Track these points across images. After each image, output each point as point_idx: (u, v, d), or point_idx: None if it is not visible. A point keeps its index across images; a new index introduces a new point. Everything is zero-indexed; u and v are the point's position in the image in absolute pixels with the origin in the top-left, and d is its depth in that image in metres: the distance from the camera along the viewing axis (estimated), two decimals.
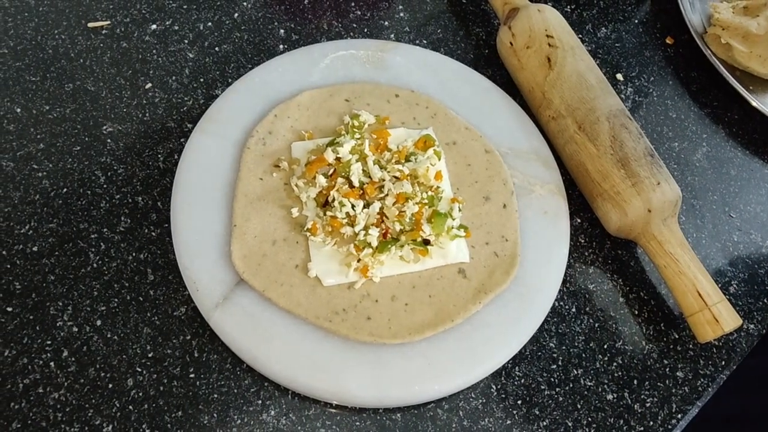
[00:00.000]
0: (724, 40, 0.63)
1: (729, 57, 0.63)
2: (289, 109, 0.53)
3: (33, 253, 0.48)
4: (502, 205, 0.51)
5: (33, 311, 0.46)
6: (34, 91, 0.55)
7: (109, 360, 0.45)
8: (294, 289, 0.46)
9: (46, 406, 0.44)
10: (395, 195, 0.48)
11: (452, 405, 0.46)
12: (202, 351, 0.46)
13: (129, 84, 0.56)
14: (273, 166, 0.50)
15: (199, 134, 0.51)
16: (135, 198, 0.51)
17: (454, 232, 0.48)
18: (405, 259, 0.47)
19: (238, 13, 0.61)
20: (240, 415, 0.45)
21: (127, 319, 0.47)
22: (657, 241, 0.50)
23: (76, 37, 0.58)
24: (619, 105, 0.54)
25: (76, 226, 0.50)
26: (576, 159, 0.53)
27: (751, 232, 0.57)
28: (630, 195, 0.50)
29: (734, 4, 0.66)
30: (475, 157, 0.53)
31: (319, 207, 0.48)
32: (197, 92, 0.57)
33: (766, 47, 0.62)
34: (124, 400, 0.44)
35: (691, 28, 0.63)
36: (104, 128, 0.54)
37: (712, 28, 0.64)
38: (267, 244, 0.47)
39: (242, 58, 0.59)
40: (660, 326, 0.51)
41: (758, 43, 0.62)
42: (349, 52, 0.57)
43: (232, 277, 0.46)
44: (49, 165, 0.52)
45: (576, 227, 0.54)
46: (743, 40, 0.62)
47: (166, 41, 0.59)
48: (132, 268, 0.49)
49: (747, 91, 0.60)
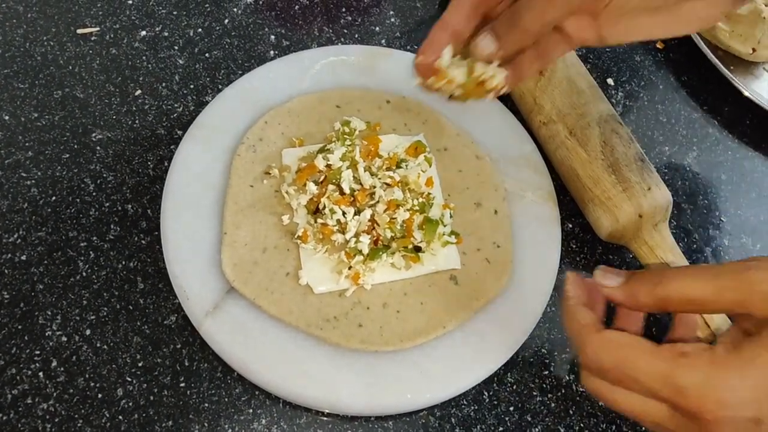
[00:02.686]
0: None
1: (712, 36, 0.64)
2: (280, 116, 0.53)
3: (21, 262, 0.48)
4: (494, 211, 0.51)
5: (21, 321, 0.46)
6: (23, 98, 0.54)
7: (99, 370, 0.45)
8: (285, 297, 0.46)
9: (35, 417, 0.43)
10: (386, 202, 0.48)
11: (444, 412, 0.46)
12: (192, 360, 0.46)
13: (118, 91, 0.56)
14: (264, 173, 0.50)
15: (189, 141, 0.51)
16: (125, 206, 0.51)
17: (445, 238, 0.48)
18: (396, 266, 0.47)
19: (229, 19, 0.61)
20: (231, 425, 0.44)
21: (117, 328, 0.46)
22: (648, 246, 0.50)
23: (65, 44, 0.58)
24: (609, 110, 0.54)
25: (65, 235, 0.49)
26: (567, 164, 0.53)
27: (742, 237, 0.57)
28: (621, 200, 0.50)
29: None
30: (466, 163, 0.53)
31: (310, 214, 0.48)
32: (187, 99, 0.56)
33: (747, 26, 0.63)
34: (114, 410, 0.44)
35: None
36: (93, 135, 0.54)
37: None
38: (257, 251, 0.47)
39: (233, 64, 0.59)
40: (652, 331, 0.51)
41: (740, 22, 0.63)
42: (339, 58, 0.57)
43: (223, 286, 0.46)
44: (37, 173, 0.51)
45: (567, 232, 0.54)
46: (726, 19, 0.63)
47: (155, 47, 0.59)
48: (121, 277, 0.48)
49: (728, 71, 0.60)
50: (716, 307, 0.34)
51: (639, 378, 0.33)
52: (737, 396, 0.30)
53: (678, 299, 0.34)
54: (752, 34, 0.62)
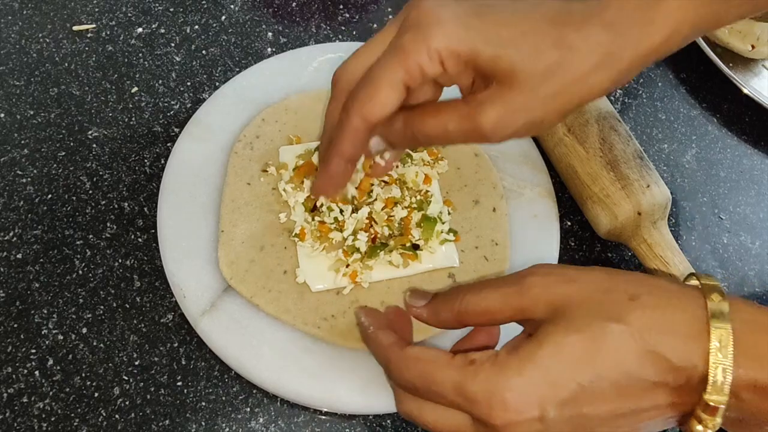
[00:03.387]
0: None
1: (710, 33, 0.63)
2: (277, 113, 0.53)
3: (17, 260, 0.48)
4: (492, 209, 0.51)
5: (17, 319, 0.46)
6: (18, 96, 0.54)
7: (95, 368, 0.45)
8: (282, 296, 0.45)
9: (31, 416, 0.43)
10: (384, 199, 0.48)
11: None
12: (189, 358, 0.46)
13: (115, 88, 0.56)
14: (261, 170, 0.50)
15: (185, 139, 0.51)
16: (121, 204, 0.51)
17: (443, 236, 0.48)
18: (394, 264, 0.47)
19: (226, 15, 0.61)
20: (228, 423, 0.44)
21: (114, 326, 0.46)
22: (647, 244, 0.50)
23: (61, 41, 0.57)
24: (608, 107, 0.54)
25: (61, 233, 0.49)
26: (565, 161, 0.53)
27: (741, 234, 0.57)
28: (619, 198, 0.50)
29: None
30: (464, 160, 0.53)
31: (307, 212, 0.48)
32: (184, 96, 0.56)
33: (746, 23, 0.62)
34: (111, 409, 0.44)
35: None
36: (89, 133, 0.53)
37: None
38: (255, 249, 0.47)
39: (230, 61, 0.58)
40: None
41: None
42: (337, 55, 0.57)
43: (220, 284, 0.46)
44: (33, 171, 0.51)
45: (566, 230, 0.54)
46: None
47: (152, 45, 0.58)
48: (118, 275, 0.48)
49: (727, 68, 0.60)
50: (504, 315, 0.35)
51: (438, 390, 0.33)
52: (519, 396, 0.31)
53: (473, 312, 0.36)
54: (751, 31, 0.62)
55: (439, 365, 0.33)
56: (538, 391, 0.31)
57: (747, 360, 0.31)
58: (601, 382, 0.31)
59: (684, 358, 0.31)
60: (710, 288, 0.33)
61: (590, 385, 0.31)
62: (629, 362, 0.31)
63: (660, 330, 0.31)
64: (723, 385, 0.30)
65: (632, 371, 0.31)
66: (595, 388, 0.31)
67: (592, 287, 0.34)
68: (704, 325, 0.31)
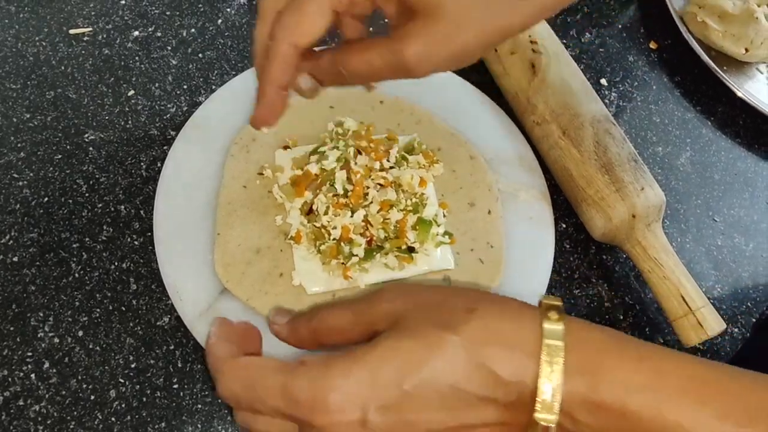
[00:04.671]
0: (700, 18, 0.63)
1: (704, 36, 0.64)
2: None
3: (13, 263, 0.48)
4: (487, 211, 0.51)
5: (13, 322, 0.46)
6: (15, 99, 0.54)
7: (91, 371, 0.45)
8: (278, 298, 0.45)
9: (27, 419, 0.43)
10: (379, 202, 0.48)
11: None
12: (185, 361, 0.46)
13: (111, 91, 0.56)
14: (257, 173, 0.50)
15: (182, 142, 0.51)
16: (117, 207, 0.51)
17: (438, 239, 0.48)
18: (389, 266, 0.47)
19: (222, 19, 0.61)
20: (224, 426, 0.44)
21: (110, 329, 0.46)
22: (641, 246, 0.50)
23: (58, 44, 0.57)
24: (603, 110, 0.54)
25: (58, 236, 0.49)
26: (560, 164, 0.53)
27: (735, 236, 0.57)
28: (614, 200, 0.50)
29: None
30: (459, 163, 0.53)
31: (303, 215, 0.48)
32: (180, 99, 0.56)
33: (740, 27, 0.63)
34: (107, 412, 0.44)
35: (669, 5, 0.64)
36: (86, 136, 0.53)
37: (690, 6, 0.65)
38: (251, 252, 0.47)
39: (226, 64, 0.58)
40: (645, 331, 0.51)
41: (733, 22, 0.63)
42: None
43: (216, 286, 0.46)
44: (29, 174, 0.51)
45: (561, 233, 0.55)
46: (719, 19, 0.63)
47: (148, 48, 0.58)
48: (114, 278, 0.48)
49: (721, 71, 0.61)
50: (355, 332, 0.36)
51: (263, 396, 0.33)
52: (342, 397, 0.31)
53: (326, 329, 0.37)
54: (745, 34, 0.62)
55: (267, 370, 0.33)
56: (362, 393, 0.30)
57: (578, 377, 0.30)
58: (426, 390, 0.31)
59: (514, 373, 0.30)
60: (549, 307, 0.33)
61: (414, 391, 0.30)
62: (457, 374, 0.31)
63: (492, 343, 0.31)
64: (553, 402, 0.30)
65: (458, 383, 0.31)
66: (420, 395, 0.31)
67: (432, 299, 0.34)
68: (538, 342, 0.31)
